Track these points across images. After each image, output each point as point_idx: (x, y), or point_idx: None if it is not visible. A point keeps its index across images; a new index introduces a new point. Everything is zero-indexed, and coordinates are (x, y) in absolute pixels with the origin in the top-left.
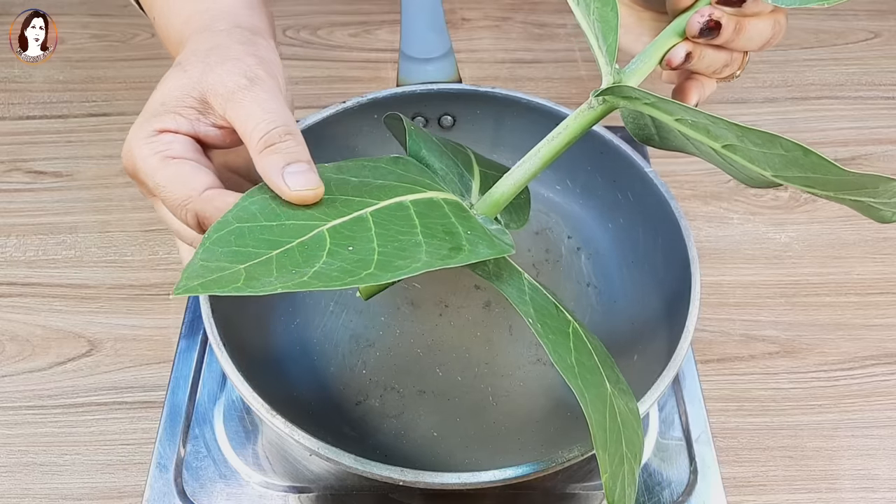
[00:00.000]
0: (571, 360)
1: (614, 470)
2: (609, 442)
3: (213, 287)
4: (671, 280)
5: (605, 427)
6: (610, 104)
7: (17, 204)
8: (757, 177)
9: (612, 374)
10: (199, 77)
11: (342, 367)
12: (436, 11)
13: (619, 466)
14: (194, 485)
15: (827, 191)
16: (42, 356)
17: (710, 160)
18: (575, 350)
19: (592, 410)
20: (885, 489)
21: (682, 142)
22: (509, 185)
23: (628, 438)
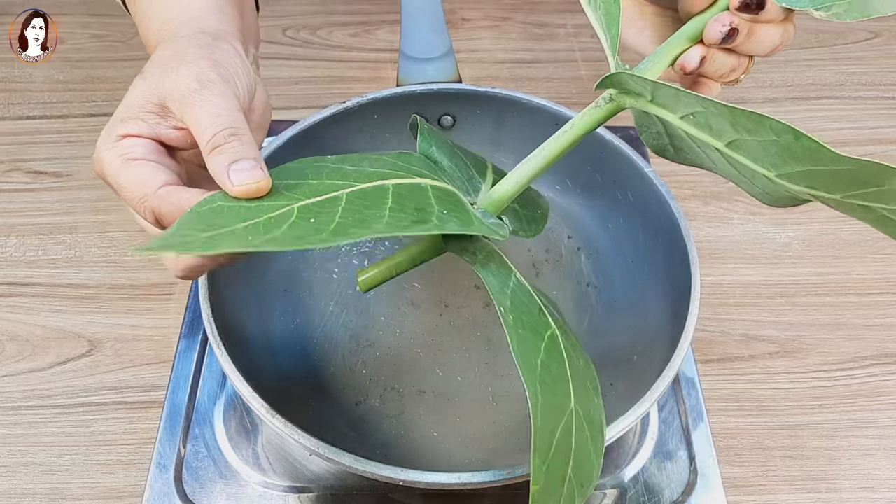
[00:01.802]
0: (536, 361)
1: (549, 487)
2: (553, 456)
3: (173, 248)
4: (671, 280)
5: (551, 439)
6: (617, 104)
7: (17, 204)
8: (765, 184)
9: (584, 395)
10: (156, 83)
11: (342, 367)
12: (436, 11)
13: (558, 487)
14: (194, 485)
15: (833, 192)
16: (42, 356)
17: (724, 173)
18: (545, 353)
19: (541, 416)
20: (885, 489)
21: (696, 153)
22: (512, 183)
23: (578, 464)
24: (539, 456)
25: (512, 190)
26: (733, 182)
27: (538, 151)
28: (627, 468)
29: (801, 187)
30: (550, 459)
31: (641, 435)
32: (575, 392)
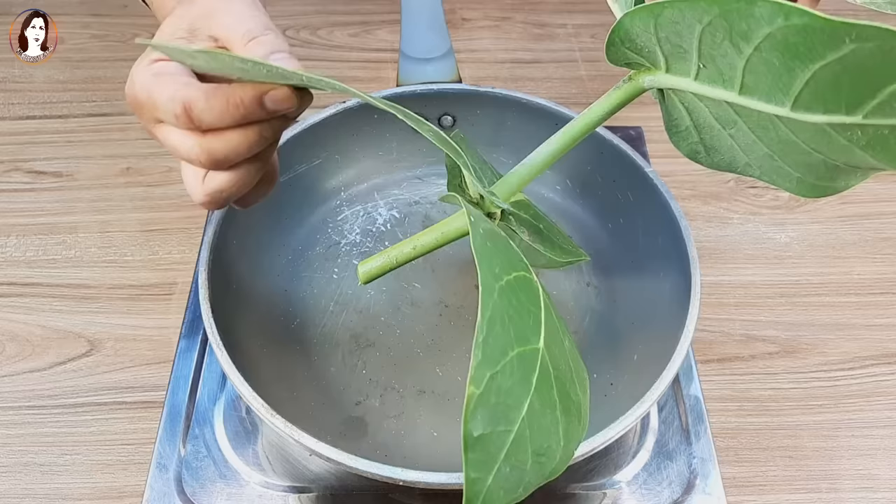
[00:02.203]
0: (501, 278)
1: (495, 386)
2: (499, 390)
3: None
4: (671, 280)
5: (499, 360)
6: (635, 84)
7: (17, 204)
8: (792, 150)
9: (562, 356)
10: (182, 13)
11: (342, 367)
12: (436, 11)
13: (498, 439)
14: (194, 485)
15: (852, 109)
16: (42, 356)
17: (757, 163)
18: (515, 281)
19: (491, 332)
20: (885, 489)
21: (725, 142)
22: (529, 167)
23: (537, 426)
24: (475, 383)
25: (529, 173)
26: (766, 180)
27: (552, 139)
28: (627, 468)
29: (818, 116)
30: (501, 338)
31: (641, 435)
32: (548, 339)
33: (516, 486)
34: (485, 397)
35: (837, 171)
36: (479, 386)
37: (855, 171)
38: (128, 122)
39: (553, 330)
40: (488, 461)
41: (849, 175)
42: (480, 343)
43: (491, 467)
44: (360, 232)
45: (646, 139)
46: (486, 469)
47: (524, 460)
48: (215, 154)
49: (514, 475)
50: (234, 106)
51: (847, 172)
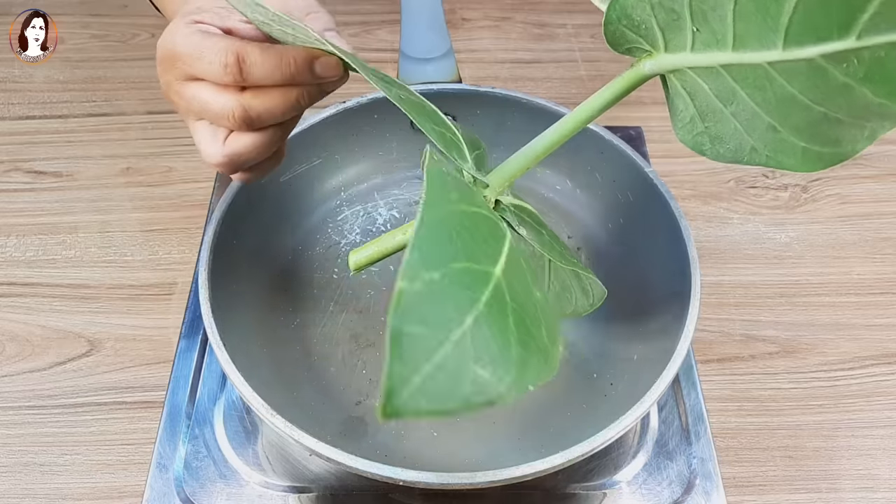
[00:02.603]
0: (452, 204)
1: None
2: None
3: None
4: (671, 280)
5: (452, 232)
6: (637, 71)
7: (17, 204)
8: (791, 109)
9: (523, 284)
10: None
11: (342, 367)
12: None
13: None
14: (194, 485)
15: (843, 32)
16: (42, 356)
17: (761, 144)
18: (470, 214)
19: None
20: (885, 489)
21: (728, 124)
22: (526, 155)
23: (478, 336)
24: (407, 278)
25: (525, 161)
26: (773, 164)
27: (552, 128)
28: (627, 468)
29: (811, 49)
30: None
31: (641, 435)
32: (508, 273)
33: (445, 399)
34: (419, 297)
35: (840, 128)
36: (413, 283)
37: (859, 127)
38: (128, 122)
39: (517, 270)
40: (417, 361)
41: (853, 133)
42: (417, 244)
43: (419, 368)
44: (360, 232)
45: (646, 139)
46: (413, 368)
47: (460, 376)
48: (252, 111)
49: (444, 386)
50: (286, 64)
51: (851, 128)
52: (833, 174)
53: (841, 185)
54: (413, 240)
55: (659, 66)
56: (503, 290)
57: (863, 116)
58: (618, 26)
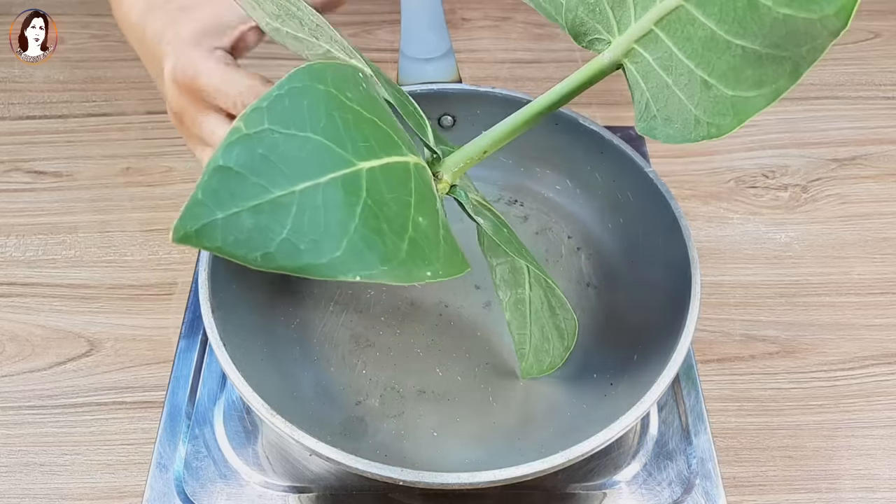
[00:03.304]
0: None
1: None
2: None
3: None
4: (671, 280)
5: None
6: (598, 62)
7: (17, 204)
8: (712, 38)
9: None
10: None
11: (342, 367)
12: (436, 11)
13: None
14: (194, 485)
15: None
16: (42, 356)
17: (703, 108)
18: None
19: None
20: (885, 489)
21: (676, 99)
22: (489, 138)
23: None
24: (244, 119)
25: (481, 147)
26: (714, 131)
27: (506, 119)
28: (627, 468)
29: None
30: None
31: (641, 435)
32: (383, 173)
33: (254, 248)
34: (251, 140)
35: (761, 66)
36: (249, 127)
37: (778, 62)
38: (128, 122)
39: (397, 186)
40: (226, 198)
41: (775, 70)
42: (272, 99)
43: (227, 206)
44: None
45: (646, 139)
46: (218, 203)
47: (269, 234)
48: None
49: (256, 235)
50: None
51: (771, 64)
52: (833, 174)
53: (841, 185)
54: (271, 92)
55: (614, 52)
56: (360, 184)
57: (778, 45)
58: (577, 13)
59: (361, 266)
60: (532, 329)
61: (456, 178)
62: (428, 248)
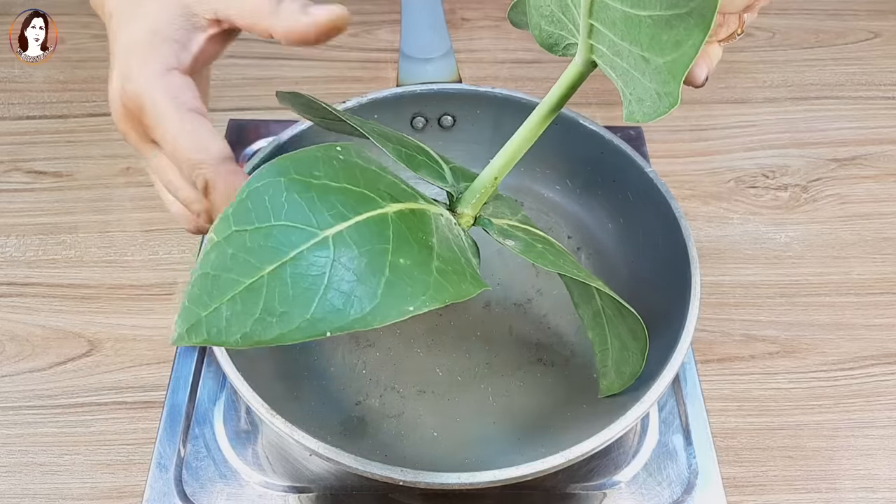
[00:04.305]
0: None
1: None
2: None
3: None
4: (671, 280)
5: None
6: (574, 67)
7: (17, 204)
8: (630, 13)
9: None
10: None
11: (342, 367)
12: (436, 11)
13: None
14: (194, 485)
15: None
16: (42, 356)
17: (641, 79)
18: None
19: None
20: (885, 489)
21: (631, 93)
22: (499, 163)
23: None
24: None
25: (490, 180)
26: (666, 101)
27: (506, 146)
28: (627, 468)
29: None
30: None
31: (641, 435)
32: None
33: (233, 333)
34: (221, 245)
35: (671, 28)
36: (219, 234)
37: (682, 19)
38: None
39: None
40: (206, 299)
41: (683, 28)
42: (234, 204)
43: (207, 306)
44: None
45: (646, 139)
46: (200, 304)
47: (252, 312)
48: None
49: (234, 321)
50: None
51: (679, 24)
52: (833, 174)
53: (841, 185)
54: (236, 198)
55: (581, 53)
56: (329, 248)
57: (675, 4)
58: (540, 29)
59: (330, 322)
60: (612, 341)
61: (477, 210)
62: (411, 284)
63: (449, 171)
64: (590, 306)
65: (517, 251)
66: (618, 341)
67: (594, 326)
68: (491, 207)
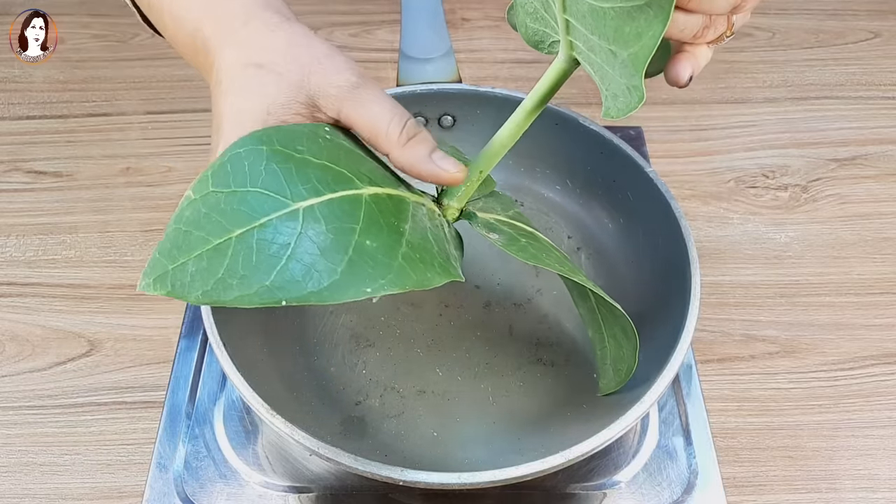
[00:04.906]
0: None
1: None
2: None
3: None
4: (671, 280)
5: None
6: (557, 63)
7: (17, 204)
8: (596, 7)
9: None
10: (300, 80)
11: (342, 367)
12: (436, 11)
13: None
14: (194, 485)
15: None
16: (42, 356)
17: (615, 75)
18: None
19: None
20: (885, 489)
21: (611, 77)
22: (485, 157)
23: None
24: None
25: (475, 174)
26: (636, 94)
27: (492, 140)
28: (627, 468)
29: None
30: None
31: (641, 435)
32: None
33: (194, 289)
34: (196, 203)
35: (633, 17)
36: (196, 193)
37: (645, 9)
38: (128, 121)
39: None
40: (175, 253)
41: (643, 20)
42: (217, 163)
43: (175, 259)
44: None
45: (646, 139)
46: (169, 257)
47: (214, 272)
48: None
49: (197, 278)
50: None
51: (640, 13)
52: (833, 174)
53: (841, 185)
54: (215, 161)
55: (563, 49)
56: (297, 220)
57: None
58: (526, 27)
59: (287, 292)
60: (609, 339)
61: (463, 203)
62: (372, 266)
63: None
64: (586, 304)
65: (500, 244)
66: (613, 339)
67: (592, 324)
68: (481, 202)
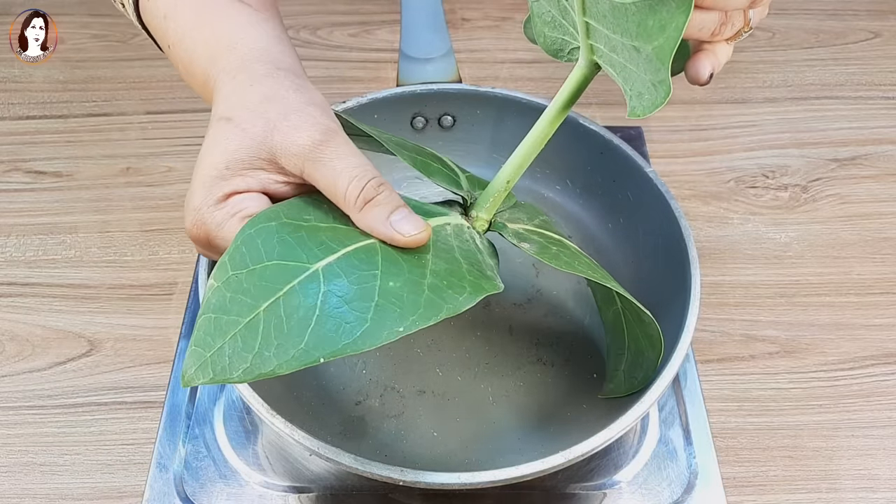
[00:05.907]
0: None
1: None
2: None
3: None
4: (671, 280)
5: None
6: (578, 69)
7: (17, 204)
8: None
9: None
10: (263, 136)
11: (342, 367)
12: (436, 11)
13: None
14: (194, 485)
15: None
16: (42, 356)
17: (634, 70)
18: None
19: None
20: (885, 489)
21: (635, 76)
22: (512, 166)
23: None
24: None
25: (502, 184)
26: (662, 91)
27: (517, 150)
28: (627, 468)
29: None
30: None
31: (641, 435)
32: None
33: (235, 369)
34: (220, 289)
35: (655, 10)
36: (218, 280)
37: (664, 3)
38: (128, 121)
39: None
40: (209, 340)
41: (667, 8)
42: (229, 251)
43: (211, 346)
44: None
45: (646, 139)
46: (205, 346)
47: (251, 347)
48: None
49: (235, 358)
50: None
51: (662, 5)
52: (833, 174)
53: (841, 185)
54: (230, 246)
55: (583, 54)
56: (318, 280)
57: None
58: (545, 36)
59: (323, 349)
60: (629, 345)
61: (491, 213)
62: (399, 305)
63: (465, 179)
64: (610, 309)
65: (532, 253)
66: (634, 346)
67: (613, 329)
68: (507, 213)
